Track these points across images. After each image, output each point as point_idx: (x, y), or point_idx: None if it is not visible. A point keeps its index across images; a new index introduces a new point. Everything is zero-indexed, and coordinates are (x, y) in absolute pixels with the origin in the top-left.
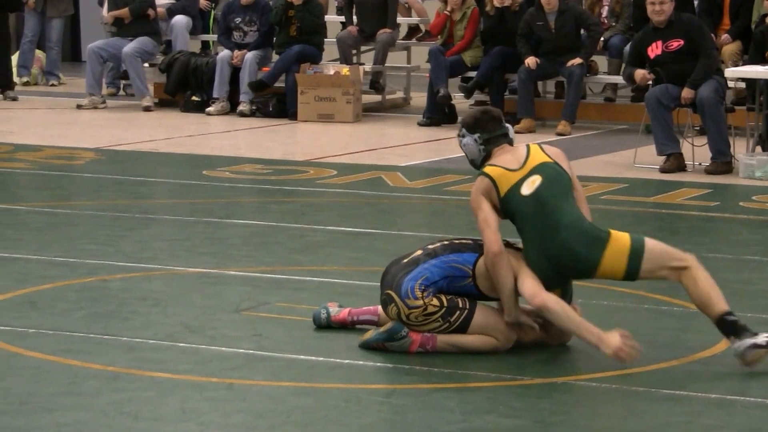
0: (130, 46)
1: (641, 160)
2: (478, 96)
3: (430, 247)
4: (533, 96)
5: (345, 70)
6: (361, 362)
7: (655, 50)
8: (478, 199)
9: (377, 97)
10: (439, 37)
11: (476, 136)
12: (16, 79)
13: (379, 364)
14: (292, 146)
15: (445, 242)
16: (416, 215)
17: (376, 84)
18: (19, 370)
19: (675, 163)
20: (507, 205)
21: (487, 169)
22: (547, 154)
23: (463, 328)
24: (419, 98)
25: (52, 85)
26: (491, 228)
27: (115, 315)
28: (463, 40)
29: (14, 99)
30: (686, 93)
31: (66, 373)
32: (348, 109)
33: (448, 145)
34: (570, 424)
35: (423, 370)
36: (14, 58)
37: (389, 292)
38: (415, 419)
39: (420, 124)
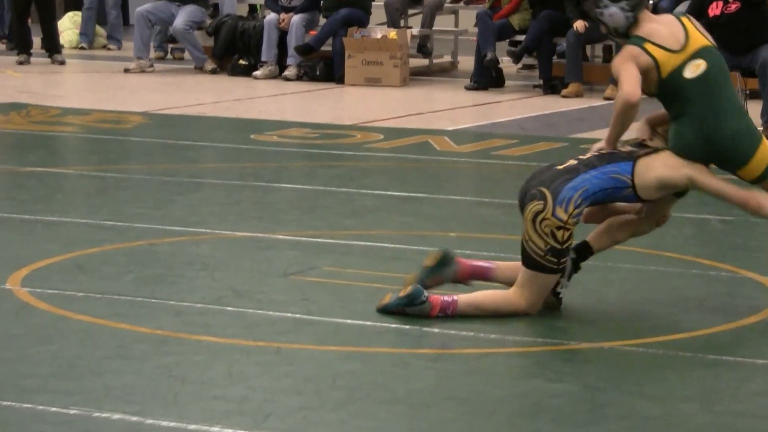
0: (179, 20)
1: None
2: (526, 60)
3: (582, 157)
4: (581, 60)
5: (392, 33)
6: (408, 327)
7: (714, 10)
8: (625, 64)
9: (424, 61)
10: (486, 0)
11: (623, 3)
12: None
13: (425, 328)
14: (339, 110)
15: (596, 153)
16: (463, 179)
17: (423, 48)
18: (67, 334)
19: None
20: (666, 87)
21: (650, 48)
22: (706, 37)
23: (542, 269)
24: (467, 62)
25: (109, 49)
26: (636, 80)
27: (162, 279)
28: (510, 3)
29: (62, 63)
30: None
31: (114, 336)
32: (395, 73)
33: (495, 109)
34: (617, 390)
35: (470, 335)
36: (61, 23)
37: (544, 189)
38: (462, 384)
39: (467, 88)
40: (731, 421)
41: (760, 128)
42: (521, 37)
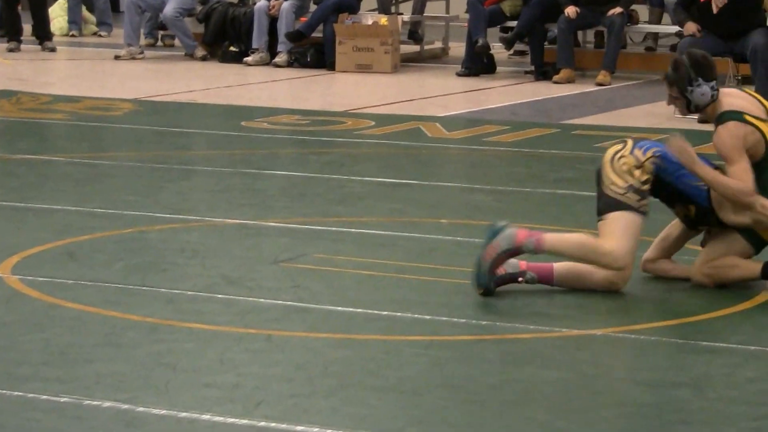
0: (170, 7)
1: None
2: (517, 46)
3: None
4: (573, 46)
5: (383, 20)
6: (399, 314)
7: None
8: (738, 150)
9: (415, 48)
10: None
11: (713, 83)
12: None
13: (417, 315)
14: (330, 97)
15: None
16: (455, 166)
17: (414, 34)
18: (58, 321)
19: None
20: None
21: (750, 120)
22: None
23: (625, 207)
24: (458, 48)
25: (101, 35)
26: (750, 172)
27: (153, 266)
28: None
29: (52, 50)
30: None
31: (105, 324)
32: (386, 59)
33: (487, 95)
34: (610, 376)
35: (461, 322)
36: (52, 10)
37: (626, 138)
38: (454, 371)
39: (458, 75)
40: (724, 407)
41: None
42: (513, 23)
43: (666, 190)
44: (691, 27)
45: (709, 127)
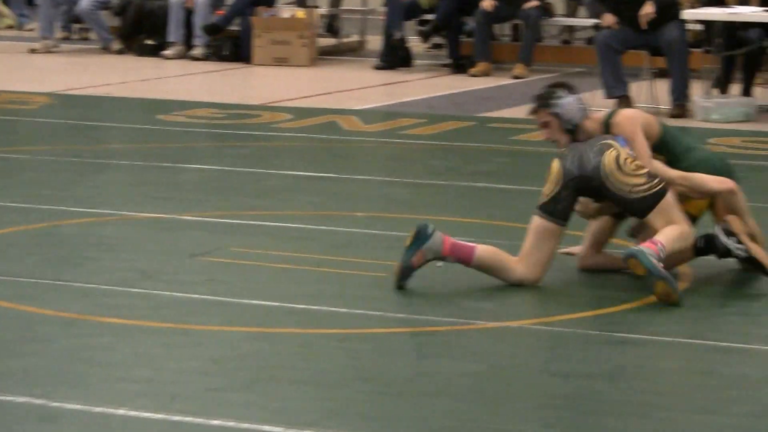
0: (85, 1)
1: (598, 102)
2: (435, 39)
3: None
4: (490, 39)
5: (300, 13)
6: (315, 307)
7: None
8: (637, 127)
9: (333, 41)
10: None
11: (578, 96)
12: None
13: (333, 308)
14: (247, 90)
15: None
16: (372, 159)
17: (331, 27)
18: None
19: (625, 105)
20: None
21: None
22: None
23: (660, 195)
24: (375, 41)
25: (19, 28)
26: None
27: (68, 261)
28: None
29: None
30: (648, 8)
31: (18, 318)
32: (303, 52)
33: (404, 88)
34: (525, 368)
35: (377, 314)
36: None
37: (607, 141)
38: (369, 364)
39: (376, 68)
40: (638, 398)
41: (669, 106)
42: (430, 16)
43: None
44: (608, 18)
45: None
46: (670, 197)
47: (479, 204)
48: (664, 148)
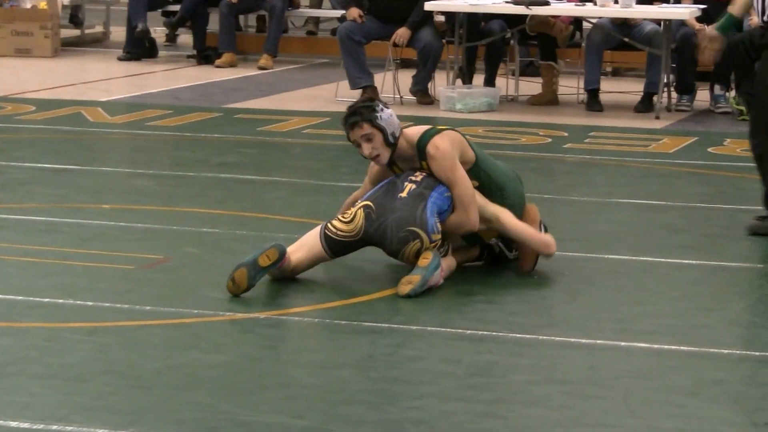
0: None
1: (343, 93)
2: (180, 30)
3: (415, 179)
4: (235, 30)
5: (42, 3)
6: (62, 300)
7: None
8: (455, 160)
9: (76, 32)
10: None
11: (380, 104)
12: None
13: (80, 302)
14: None
15: (419, 175)
16: (118, 151)
17: (75, 18)
18: None
19: (371, 95)
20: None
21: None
22: None
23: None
24: (119, 32)
25: None
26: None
27: None
28: None
29: None
30: (403, 33)
31: None
32: (46, 43)
33: (149, 79)
34: (274, 359)
35: (125, 307)
36: None
37: (414, 229)
38: (118, 357)
39: (120, 59)
40: (387, 387)
41: (414, 95)
42: (175, 8)
43: None
44: (353, 12)
45: None
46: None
47: (227, 195)
48: (478, 173)
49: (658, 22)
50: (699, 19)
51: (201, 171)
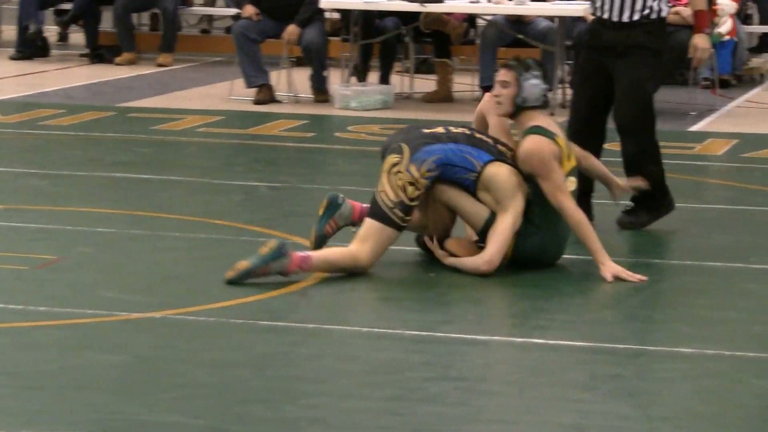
0: None
1: (237, 92)
2: (73, 29)
3: (453, 130)
4: (131, 28)
5: None
6: None
7: None
8: (552, 162)
9: None
10: None
11: (547, 86)
12: None
13: None
14: None
15: (467, 131)
16: (10, 150)
17: None
18: None
19: (267, 94)
20: None
21: (561, 143)
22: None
23: (385, 218)
24: (10, 31)
25: None
26: (566, 192)
27: None
28: None
29: None
30: (293, 30)
31: None
32: None
33: (41, 78)
34: (171, 359)
35: (18, 308)
36: None
37: (404, 145)
38: (12, 358)
39: (12, 58)
40: (284, 385)
41: (310, 93)
42: (67, 6)
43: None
44: (249, 10)
45: (265, 108)
46: (390, 234)
47: (121, 194)
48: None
49: (551, 18)
50: None
51: (94, 170)
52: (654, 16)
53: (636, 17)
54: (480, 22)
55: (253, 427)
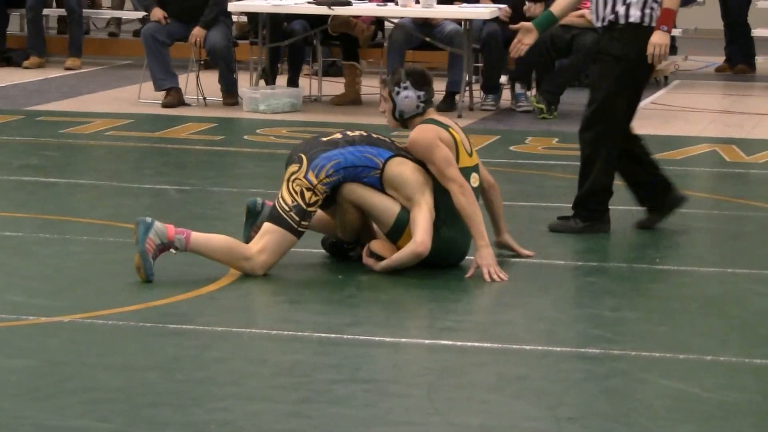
0: None
1: (146, 95)
2: None
3: (349, 134)
4: (43, 32)
5: None
6: None
7: None
8: (436, 142)
9: None
10: None
11: (421, 93)
12: None
13: None
14: None
15: (364, 133)
16: None
17: None
18: None
19: (175, 97)
20: None
21: (455, 133)
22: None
23: (283, 224)
24: None
25: None
26: (455, 166)
27: None
28: None
29: None
30: (198, 33)
31: None
32: None
33: None
34: (79, 363)
35: None
36: None
37: (303, 155)
38: None
39: None
40: (192, 388)
41: (219, 96)
42: None
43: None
44: (157, 13)
45: (173, 112)
46: (287, 237)
47: (28, 198)
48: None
49: (459, 21)
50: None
51: (2, 174)
52: (622, 21)
53: (605, 23)
54: (388, 24)
55: (160, 431)
